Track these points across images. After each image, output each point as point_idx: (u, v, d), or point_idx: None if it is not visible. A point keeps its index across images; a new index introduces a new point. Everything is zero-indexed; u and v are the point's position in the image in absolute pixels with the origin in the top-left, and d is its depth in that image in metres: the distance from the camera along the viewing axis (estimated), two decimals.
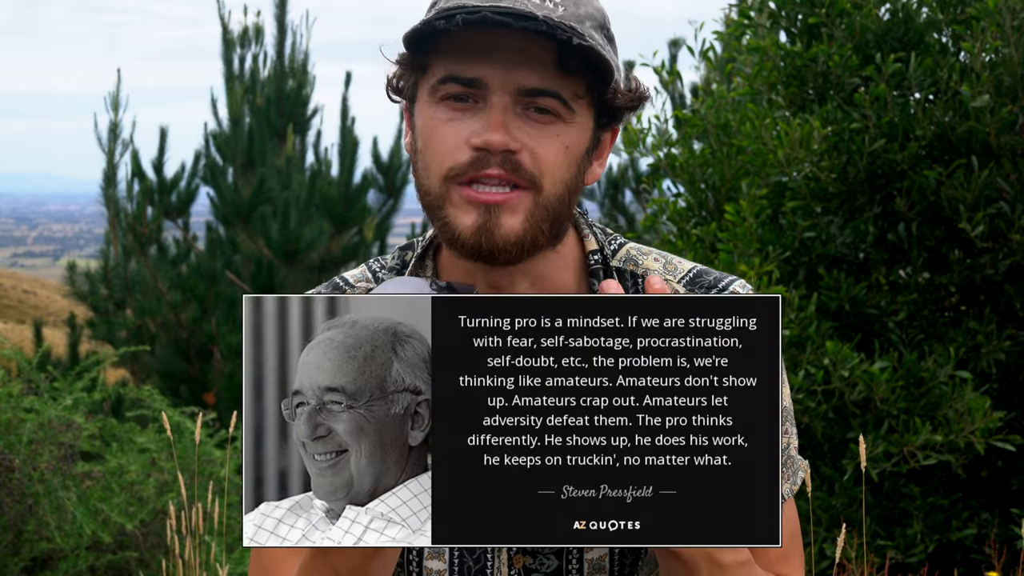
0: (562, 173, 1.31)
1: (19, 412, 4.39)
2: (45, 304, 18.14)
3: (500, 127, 1.27)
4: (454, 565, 1.40)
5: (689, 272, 1.45)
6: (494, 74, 1.27)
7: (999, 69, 3.75)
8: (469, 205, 1.28)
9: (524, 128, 1.28)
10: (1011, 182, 3.75)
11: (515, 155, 1.27)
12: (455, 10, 1.23)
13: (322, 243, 8.71)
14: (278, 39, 9.45)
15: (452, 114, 1.29)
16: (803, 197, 4.02)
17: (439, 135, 1.30)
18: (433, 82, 1.30)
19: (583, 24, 1.28)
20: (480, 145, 1.27)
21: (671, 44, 9.58)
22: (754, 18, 4.18)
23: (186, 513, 3.16)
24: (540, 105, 1.28)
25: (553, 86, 1.27)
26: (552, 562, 1.40)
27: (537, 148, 1.28)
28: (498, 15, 1.22)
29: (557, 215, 1.32)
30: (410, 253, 1.47)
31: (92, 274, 8.97)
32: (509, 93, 1.27)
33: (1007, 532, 3.72)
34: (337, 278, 1.49)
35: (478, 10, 1.22)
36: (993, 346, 3.74)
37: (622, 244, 1.47)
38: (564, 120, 1.29)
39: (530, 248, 1.31)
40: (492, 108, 1.27)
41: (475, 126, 1.28)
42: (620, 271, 1.45)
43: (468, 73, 1.27)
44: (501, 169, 1.27)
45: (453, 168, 1.28)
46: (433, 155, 1.30)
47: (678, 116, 4.57)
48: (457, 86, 1.28)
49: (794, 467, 1.48)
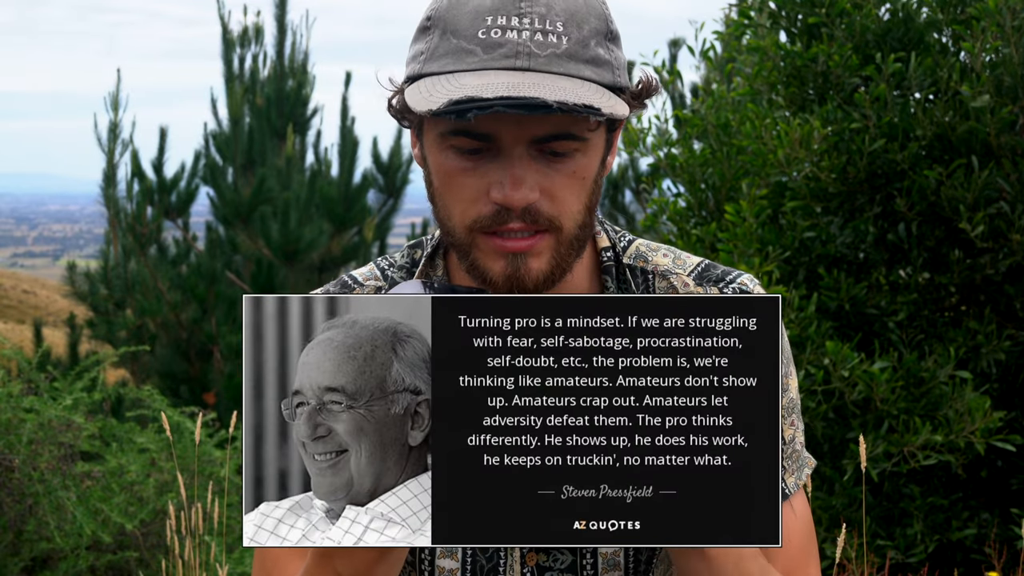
0: (580, 203, 1.31)
1: (19, 412, 4.38)
2: (45, 304, 18.14)
3: (519, 184, 1.26)
4: (467, 564, 1.40)
5: (697, 266, 1.46)
6: (507, 130, 1.25)
7: (999, 69, 3.75)
8: (496, 254, 1.28)
9: (542, 171, 1.27)
10: (1011, 182, 3.75)
11: (534, 205, 1.27)
12: (465, 104, 1.20)
13: (322, 243, 8.72)
14: (278, 39, 9.45)
15: (465, 163, 1.28)
16: (803, 197, 4.02)
17: (457, 184, 1.29)
18: (442, 131, 1.28)
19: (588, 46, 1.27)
20: (500, 202, 1.26)
21: (671, 44, 9.59)
22: (754, 18, 4.18)
23: (186, 513, 3.16)
24: (555, 150, 1.27)
25: (565, 128, 1.26)
26: (566, 558, 1.40)
27: (555, 191, 1.28)
28: (510, 108, 1.19)
29: (581, 240, 1.33)
30: (420, 251, 1.47)
31: (92, 274, 8.97)
32: (523, 143, 1.26)
33: (1007, 532, 3.72)
34: (346, 276, 1.49)
35: (490, 105, 1.19)
36: (993, 346, 3.74)
37: (632, 241, 1.48)
38: (581, 152, 1.29)
39: (560, 276, 1.32)
40: (510, 160, 1.26)
41: (492, 176, 1.27)
42: (631, 268, 1.45)
43: (480, 129, 1.25)
44: (522, 221, 1.27)
45: (477, 220, 1.28)
46: (454, 204, 1.30)
47: (678, 116, 4.57)
48: (469, 140, 1.26)
49: (800, 461, 1.48)
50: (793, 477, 1.46)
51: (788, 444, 1.46)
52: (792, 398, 1.47)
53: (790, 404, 1.46)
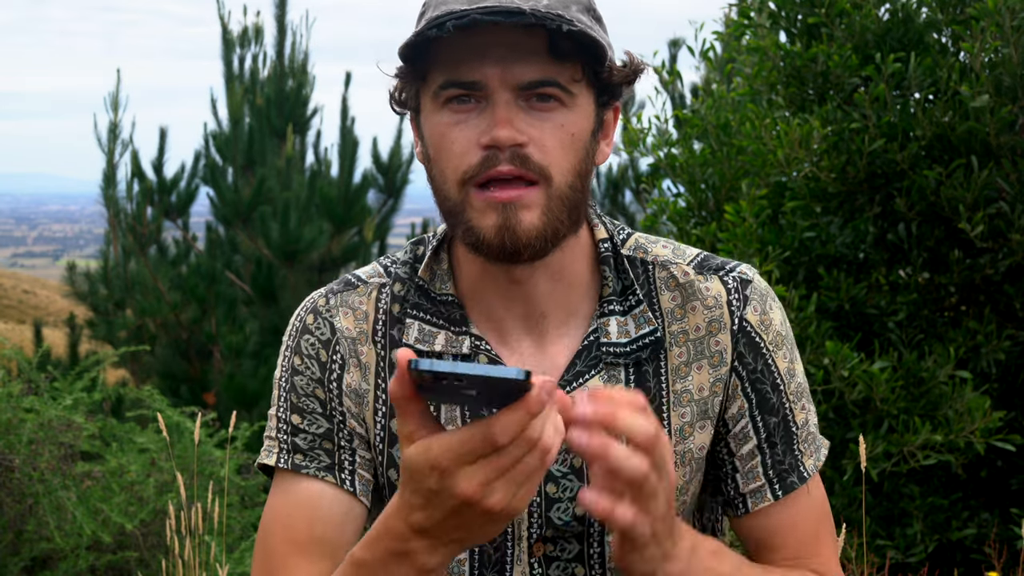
0: (570, 160, 1.34)
1: (19, 412, 4.38)
2: (45, 304, 18.15)
3: (505, 123, 1.29)
4: (474, 554, 1.41)
5: (696, 256, 1.48)
6: (492, 73, 1.29)
7: (999, 69, 3.75)
8: (488, 207, 1.31)
9: (528, 120, 1.31)
10: (1011, 182, 3.74)
11: (523, 148, 1.30)
12: (444, 17, 1.25)
13: (322, 243, 8.71)
14: (278, 39, 9.45)
15: (457, 117, 1.32)
16: (803, 197, 4.02)
17: (448, 140, 1.32)
18: (434, 89, 1.33)
19: (569, 9, 1.31)
20: (488, 143, 1.30)
21: (671, 44, 9.59)
22: (754, 18, 4.18)
23: (186, 513, 3.16)
24: (541, 94, 1.31)
25: (550, 74, 1.30)
26: (573, 547, 1.41)
27: (543, 139, 1.31)
28: (487, 15, 1.24)
29: (572, 202, 1.35)
30: (422, 248, 1.49)
31: (92, 274, 8.98)
32: (509, 89, 1.30)
33: (1007, 532, 3.72)
34: (350, 275, 1.51)
35: (466, 14, 1.24)
36: (993, 346, 3.74)
37: (630, 234, 1.50)
38: (566, 105, 1.32)
39: (552, 238, 1.34)
40: (495, 106, 1.30)
41: (481, 126, 1.31)
42: (631, 258, 1.47)
43: (467, 76, 1.30)
44: (511, 165, 1.30)
45: (467, 171, 1.31)
46: (446, 160, 1.33)
47: (678, 116, 4.57)
48: (457, 89, 1.31)
49: (816, 443, 1.50)
50: (812, 459, 1.48)
51: (803, 428, 1.48)
52: (800, 383, 1.48)
53: (798, 389, 1.48)
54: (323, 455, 1.42)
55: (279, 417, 1.45)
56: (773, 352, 1.45)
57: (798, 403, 1.47)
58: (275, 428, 1.45)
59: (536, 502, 1.40)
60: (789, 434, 1.47)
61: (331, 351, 1.44)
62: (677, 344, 1.44)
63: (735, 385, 1.45)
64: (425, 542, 1.12)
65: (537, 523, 1.41)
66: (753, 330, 1.45)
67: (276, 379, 1.48)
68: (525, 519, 1.41)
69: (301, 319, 1.47)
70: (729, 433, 1.46)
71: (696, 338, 1.44)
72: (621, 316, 1.43)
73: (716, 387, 1.44)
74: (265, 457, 1.45)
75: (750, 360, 1.45)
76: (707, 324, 1.44)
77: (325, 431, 1.43)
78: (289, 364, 1.46)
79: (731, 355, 1.44)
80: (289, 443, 1.43)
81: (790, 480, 1.46)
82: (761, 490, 1.45)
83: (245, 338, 8.27)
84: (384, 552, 1.15)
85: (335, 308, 1.46)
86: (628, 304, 1.44)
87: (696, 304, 1.44)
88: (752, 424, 1.45)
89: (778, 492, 1.45)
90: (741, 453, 1.46)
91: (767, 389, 1.45)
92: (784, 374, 1.46)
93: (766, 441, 1.45)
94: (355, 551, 1.20)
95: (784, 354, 1.46)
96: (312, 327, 1.46)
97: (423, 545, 1.12)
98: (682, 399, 1.43)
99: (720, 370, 1.44)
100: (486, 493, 1.06)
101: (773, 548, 1.46)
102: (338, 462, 1.42)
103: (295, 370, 1.45)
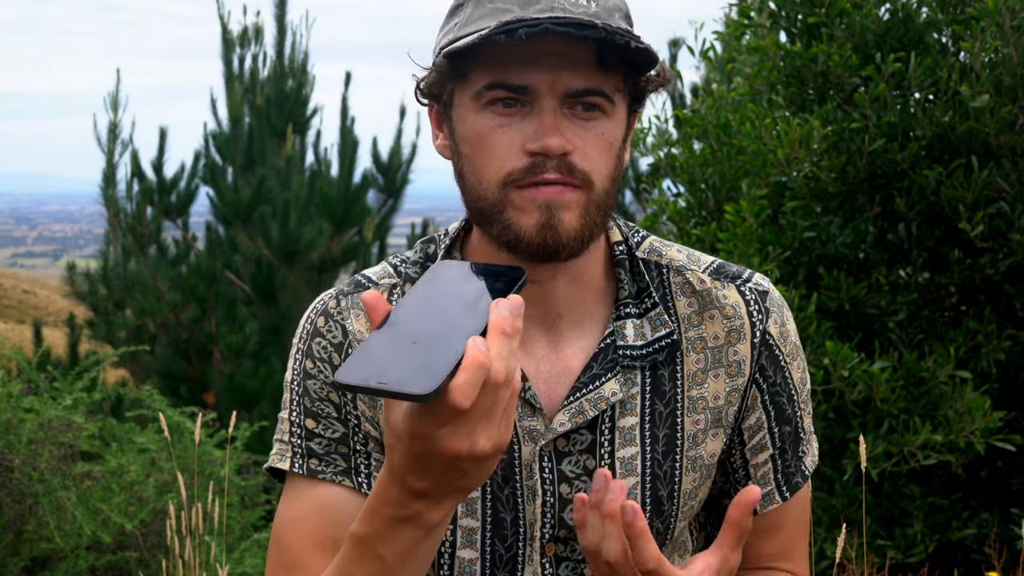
0: (608, 168, 1.35)
1: (19, 412, 4.38)
2: (45, 304, 18.15)
3: (555, 131, 1.29)
4: (486, 553, 1.41)
5: (712, 263, 1.48)
6: (542, 79, 1.29)
7: (999, 69, 3.75)
8: (531, 205, 1.31)
9: (573, 129, 1.31)
10: (1011, 182, 3.74)
11: (568, 156, 1.30)
12: (515, 24, 1.24)
13: (322, 243, 8.70)
14: (278, 39, 9.45)
15: (500, 120, 1.31)
16: (803, 197, 4.02)
17: (491, 141, 1.32)
18: (477, 89, 1.32)
19: (613, 17, 1.31)
20: (537, 150, 1.29)
21: (671, 44, 9.59)
22: (754, 18, 4.18)
23: (186, 513, 3.16)
24: (586, 102, 1.31)
25: (597, 84, 1.31)
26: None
27: (587, 148, 1.32)
28: (560, 26, 1.23)
29: (606, 207, 1.36)
30: (433, 247, 1.48)
31: (92, 274, 8.98)
32: (556, 96, 1.30)
33: (1007, 532, 3.72)
34: (359, 276, 1.50)
35: (539, 23, 1.23)
36: (993, 346, 3.74)
37: (645, 236, 1.50)
38: (607, 114, 1.33)
39: (588, 240, 1.34)
40: (543, 112, 1.30)
41: (527, 131, 1.30)
42: (646, 261, 1.47)
43: (517, 80, 1.29)
44: (558, 172, 1.30)
45: (511, 173, 1.31)
46: (488, 161, 1.32)
47: (678, 116, 4.57)
48: (504, 92, 1.30)
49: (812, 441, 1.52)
50: (809, 457, 1.51)
51: (807, 432, 1.51)
52: (808, 389, 1.50)
53: (807, 395, 1.51)
54: (339, 459, 1.41)
55: (292, 421, 1.43)
56: (790, 363, 1.47)
57: (806, 409, 1.50)
58: (288, 432, 1.43)
59: (549, 503, 1.40)
60: (797, 440, 1.49)
61: (344, 354, 1.42)
62: (694, 350, 1.43)
63: (754, 396, 1.45)
64: (426, 501, 1.11)
65: (550, 523, 1.41)
66: (775, 343, 1.45)
67: (287, 382, 1.46)
68: (539, 520, 1.41)
69: (312, 322, 1.45)
70: (745, 445, 1.47)
71: (715, 347, 1.44)
72: (637, 319, 1.42)
73: (732, 396, 1.44)
74: (277, 461, 1.43)
75: (771, 373, 1.45)
76: (726, 334, 1.44)
77: (341, 435, 1.41)
78: (301, 368, 1.43)
79: (750, 366, 1.44)
80: (303, 447, 1.42)
81: (795, 481, 1.48)
82: (771, 494, 1.47)
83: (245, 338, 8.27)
84: (386, 521, 1.14)
85: (346, 310, 1.44)
86: (644, 307, 1.43)
87: (714, 312, 1.44)
88: (770, 436, 1.46)
89: (786, 494, 1.47)
90: (756, 462, 1.47)
91: (784, 401, 1.46)
92: (798, 384, 1.48)
93: (779, 449, 1.47)
94: (353, 528, 1.18)
95: (798, 364, 1.48)
96: (323, 330, 1.43)
97: (425, 505, 1.11)
98: (697, 405, 1.43)
99: (737, 380, 1.44)
100: (471, 442, 1.04)
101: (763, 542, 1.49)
102: (354, 466, 1.41)
103: (307, 374, 1.43)
